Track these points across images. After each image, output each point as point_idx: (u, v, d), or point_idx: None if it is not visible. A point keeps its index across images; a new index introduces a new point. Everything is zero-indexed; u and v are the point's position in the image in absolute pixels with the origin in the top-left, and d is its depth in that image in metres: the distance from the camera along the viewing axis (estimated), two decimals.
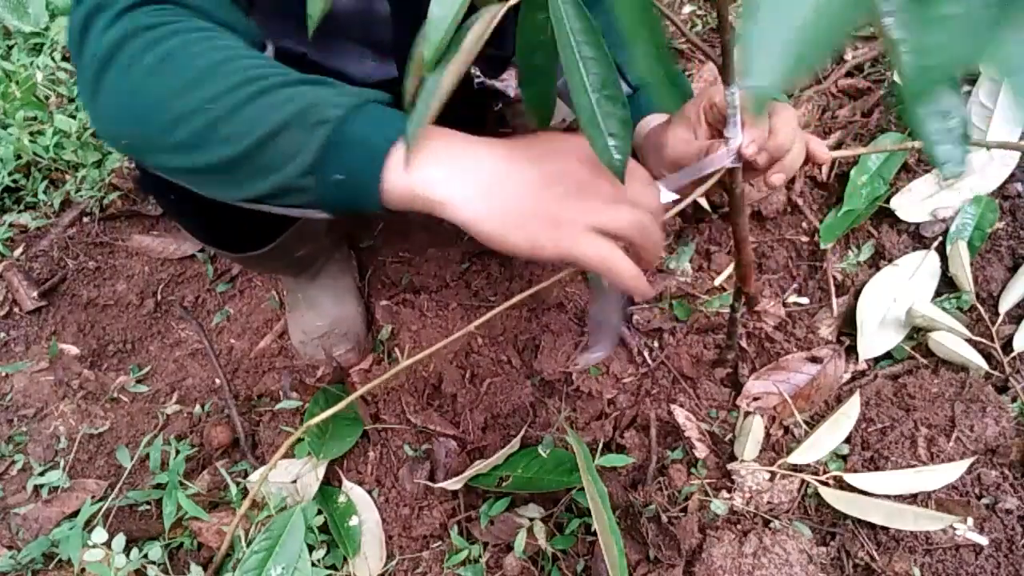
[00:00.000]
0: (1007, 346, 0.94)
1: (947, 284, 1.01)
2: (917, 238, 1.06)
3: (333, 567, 0.91)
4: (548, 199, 0.52)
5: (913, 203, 1.06)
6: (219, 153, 0.53)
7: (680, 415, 0.95)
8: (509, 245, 0.52)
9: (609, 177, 0.52)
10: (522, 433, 0.96)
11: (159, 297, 1.26)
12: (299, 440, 1.03)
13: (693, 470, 0.91)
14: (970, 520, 0.81)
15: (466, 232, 0.53)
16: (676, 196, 0.63)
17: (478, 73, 0.92)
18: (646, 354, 1.04)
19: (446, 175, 0.52)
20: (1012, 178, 1.04)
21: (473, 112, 1.01)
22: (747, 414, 0.94)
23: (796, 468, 0.88)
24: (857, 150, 0.82)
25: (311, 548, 0.90)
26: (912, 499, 0.83)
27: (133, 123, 0.56)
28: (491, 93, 0.99)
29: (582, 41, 0.48)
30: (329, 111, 0.51)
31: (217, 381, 1.14)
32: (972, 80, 1.06)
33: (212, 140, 0.53)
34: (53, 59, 1.60)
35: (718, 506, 0.86)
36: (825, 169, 1.16)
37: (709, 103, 0.63)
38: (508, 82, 1.02)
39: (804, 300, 1.07)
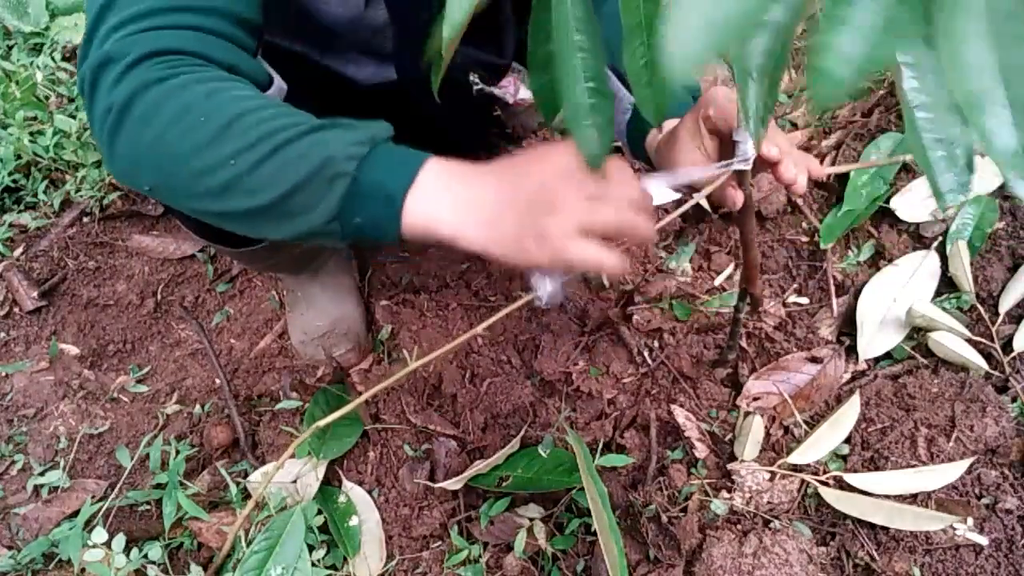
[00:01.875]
0: (1007, 346, 0.94)
1: (947, 284, 1.01)
2: (917, 238, 1.06)
3: (333, 567, 0.91)
4: (532, 219, 0.57)
5: (913, 203, 1.06)
6: (244, 204, 0.57)
7: (680, 415, 0.95)
8: (516, 263, 0.58)
9: (585, 179, 0.56)
10: (522, 433, 0.96)
11: (159, 297, 1.26)
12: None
13: (693, 470, 0.91)
14: (970, 520, 0.81)
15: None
16: (677, 196, 0.64)
17: (477, 80, 0.93)
18: (646, 354, 1.04)
19: (450, 215, 0.58)
20: None
21: (473, 117, 1.02)
22: (747, 414, 0.94)
23: (796, 468, 0.88)
24: (850, 166, 0.83)
25: (311, 548, 0.90)
26: (912, 499, 0.83)
27: (153, 175, 0.59)
28: (490, 99, 1.00)
29: (580, 30, 0.48)
30: (344, 165, 0.55)
31: (217, 381, 1.14)
32: None
33: (236, 193, 0.56)
34: (53, 59, 1.60)
35: (718, 506, 0.86)
36: (825, 169, 1.16)
37: (705, 113, 0.64)
38: (507, 88, 1.02)
39: (804, 300, 1.07)
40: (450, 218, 0.57)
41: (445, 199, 0.58)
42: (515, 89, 1.03)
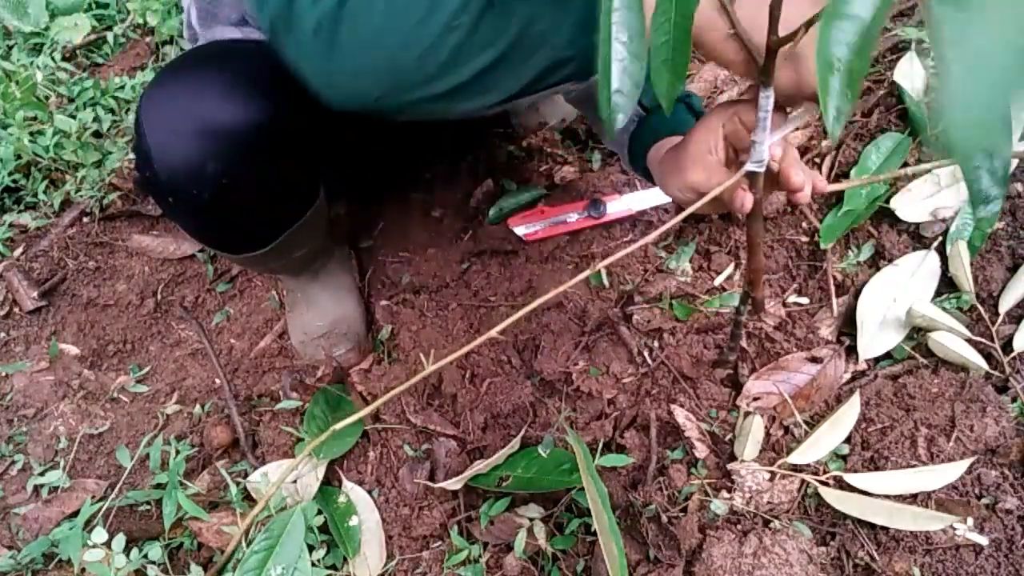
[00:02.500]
0: (1007, 346, 0.94)
1: (947, 284, 1.01)
2: (917, 238, 1.06)
3: (333, 567, 0.91)
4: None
5: (913, 203, 1.06)
6: (480, 63, 0.56)
7: (680, 415, 0.95)
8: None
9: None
10: (522, 433, 0.96)
11: (159, 297, 1.26)
12: (299, 441, 1.03)
13: (693, 470, 0.91)
14: (970, 520, 0.81)
15: (466, 232, 0.56)
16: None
17: None
18: (646, 354, 1.04)
19: None
20: (1012, 178, 1.04)
21: (475, 118, 1.02)
22: (747, 414, 0.94)
23: (796, 468, 0.88)
24: (850, 183, 0.82)
25: (311, 548, 0.90)
26: (912, 499, 0.83)
27: (382, 75, 0.58)
28: None
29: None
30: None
31: (217, 381, 1.14)
32: None
33: (470, 52, 0.55)
34: (53, 59, 1.60)
35: (718, 506, 0.86)
36: (825, 169, 1.16)
37: (733, 126, 0.63)
38: None
39: (804, 300, 1.07)
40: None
41: None
42: None
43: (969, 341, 0.94)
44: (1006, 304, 0.96)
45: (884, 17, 0.32)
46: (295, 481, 0.96)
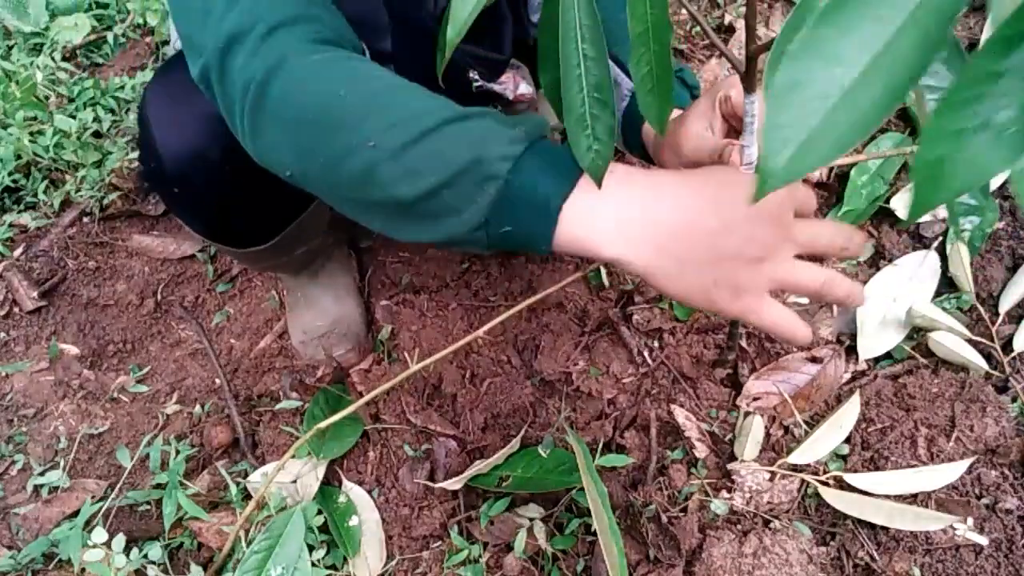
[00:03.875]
0: (1007, 346, 0.94)
1: (947, 284, 1.01)
2: (917, 238, 1.06)
3: (333, 567, 0.91)
4: (727, 265, 0.50)
5: None
6: (384, 195, 0.52)
7: (680, 415, 0.95)
8: (687, 302, 0.53)
9: (778, 218, 0.51)
10: (522, 433, 0.96)
11: (159, 297, 1.26)
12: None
13: (693, 470, 0.91)
14: (970, 520, 0.81)
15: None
16: None
17: (477, 77, 0.93)
18: (646, 354, 1.04)
19: (615, 234, 0.50)
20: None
21: None
22: (747, 414, 0.94)
23: (796, 468, 0.88)
24: (856, 157, 0.82)
25: (311, 548, 0.90)
26: (912, 499, 0.83)
27: (294, 158, 0.56)
28: (490, 95, 1.00)
29: (587, 38, 0.48)
30: (496, 166, 0.50)
31: (217, 381, 1.14)
32: None
33: (377, 181, 0.51)
34: (53, 59, 1.60)
35: (718, 506, 0.86)
36: (824, 169, 1.16)
37: (724, 95, 0.63)
38: (506, 85, 1.02)
39: (804, 300, 1.07)
40: (613, 237, 0.50)
41: (608, 212, 0.50)
42: (514, 85, 1.03)
43: (969, 341, 0.94)
44: (1006, 304, 0.96)
45: None
46: (295, 481, 0.96)
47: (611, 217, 0.51)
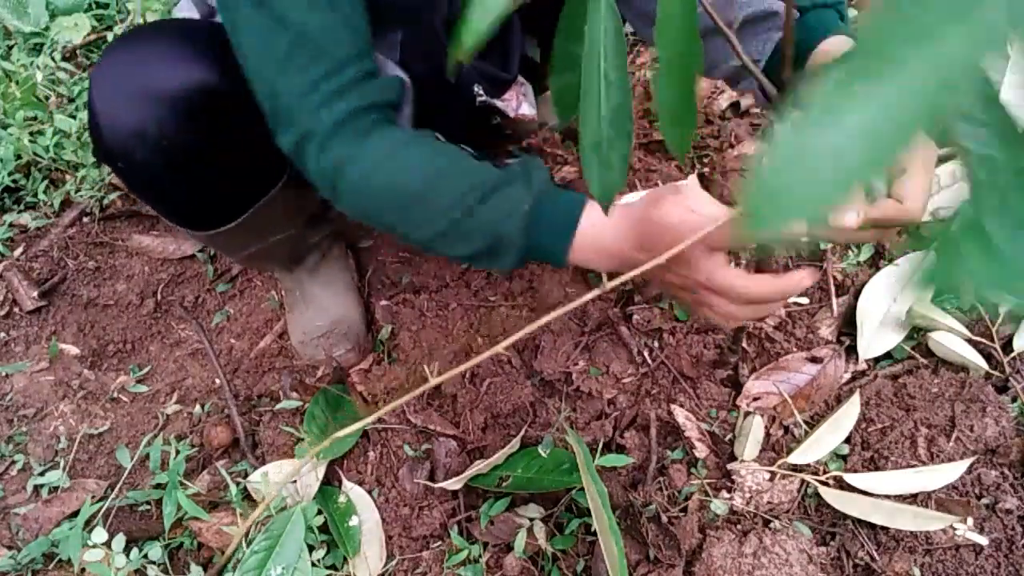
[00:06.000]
0: (1007, 346, 0.94)
1: None
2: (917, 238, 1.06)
3: (333, 567, 0.91)
4: (666, 286, 0.72)
5: None
6: (449, 252, 0.73)
7: (680, 415, 0.95)
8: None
9: (684, 259, 0.63)
10: (522, 433, 0.96)
11: (159, 297, 1.26)
12: (299, 441, 1.03)
13: (693, 470, 0.91)
14: (970, 520, 0.81)
15: None
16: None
17: (481, 92, 0.94)
18: (646, 354, 1.04)
19: (600, 262, 0.71)
20: None
21: (474, 126, 1.03)
22: (747, 414, 0.94)
23: (796, 468, 0.88)
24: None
25: (311, 548, 0.90)
26: (912, 499, 0.83)
27: (375, 223, 0.76)
28: (491, 110, 1.01)
29: (611, 64, 0.47)
30: (516, 238, 0.69)
31: (217, 381, 1.14)
32: None
33: (442, 246, 0.72)
34: (53, 59, 1.60)
35: (718, 506, 0.86)
36: None
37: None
38: (509, 102, 1.03)
39: (804, 300, 1.07)
40: (599, 264, 0.71)
41: (599, 257, 0.71)
42: (517, 104, 1.03)
43: (969, 341, 0.94)
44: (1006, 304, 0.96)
45: None
46: (295, 481, 0.96)
47: (603, 260, 0.71)
